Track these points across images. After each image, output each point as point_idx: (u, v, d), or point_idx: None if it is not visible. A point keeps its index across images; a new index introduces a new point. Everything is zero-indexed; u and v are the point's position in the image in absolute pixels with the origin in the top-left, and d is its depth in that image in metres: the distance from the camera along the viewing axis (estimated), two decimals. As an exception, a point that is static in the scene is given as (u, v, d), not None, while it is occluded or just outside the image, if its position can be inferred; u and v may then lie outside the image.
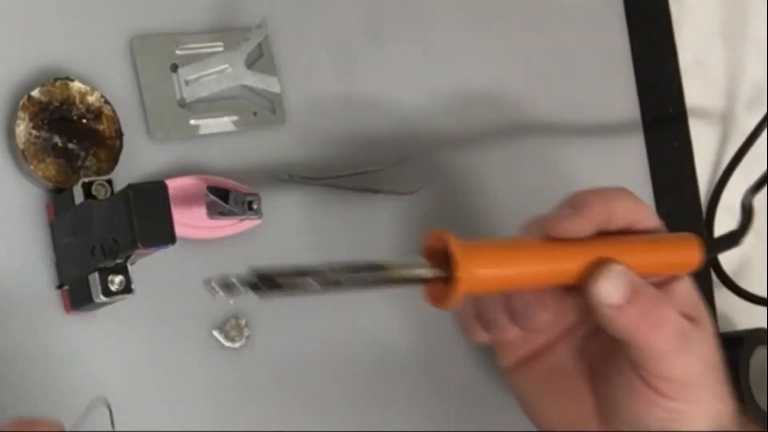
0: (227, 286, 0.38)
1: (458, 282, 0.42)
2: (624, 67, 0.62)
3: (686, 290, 0.48)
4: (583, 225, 0.45)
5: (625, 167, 0.62)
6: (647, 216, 0.47)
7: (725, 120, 0.66)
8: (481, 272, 0.42)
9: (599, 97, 0.61)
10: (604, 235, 0.46)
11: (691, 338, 0.45)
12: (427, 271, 0.42)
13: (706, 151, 0.65)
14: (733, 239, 0.51)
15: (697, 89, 0.65)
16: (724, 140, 0.66)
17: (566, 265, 0.44)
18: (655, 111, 0.63)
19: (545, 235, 0.45)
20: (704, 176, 0.65)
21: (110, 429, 0.41)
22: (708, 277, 0.64)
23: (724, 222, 0.64)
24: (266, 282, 0.38)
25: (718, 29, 0.67)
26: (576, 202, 0.45)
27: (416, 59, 0.57)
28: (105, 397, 0.41)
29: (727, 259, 0.63)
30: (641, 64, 0.63)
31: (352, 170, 0.53)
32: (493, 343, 0.50)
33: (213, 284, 0.38)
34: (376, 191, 0.54)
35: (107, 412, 0.41)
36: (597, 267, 0.44)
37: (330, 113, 0.54)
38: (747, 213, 0.53)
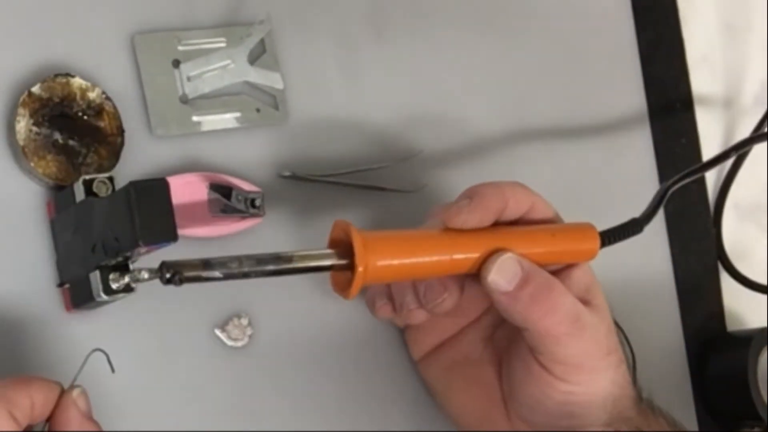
0: (136, 280, 0.42)
1: (357, 271, 0.44)
2: (631, 63, 0.62)
3: (582, 274, 0.49)
4: (479, 215, 0.46)
5: (632, 163, 0.62)
6: (542, 206, 0.49)
7: (732, 114, 0.66)
8: (380, 262, 0.45)
9: (606, 92, 0.61)
10: (502, 225, 0.48)
11: (585, 322, 0.46)
12: (329, 262, 0.44)
13: (712, 147, 0.64)
14: (636, 226, 0.51)
15: (704, 84, 0.64)
16: (730, 135, 0.66)
17: (464, 255, 0.46)
18: (662, 106, 0.62)
19: (444, 225, 0.47)
20: (710, 173, 0.64)
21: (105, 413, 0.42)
22: (715, 270, 0.63)
23: (732, 217, 0.64)
24: (173, 273, 0.41)
25: (725, 24, 0.66)
26: (472, 194, 0.47)
27: (421, 54, 0.56)
28: (100, 349, 0.42)
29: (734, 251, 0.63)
30: (648, 59, 0.62)
31: (356, 167, 0.53)
32: (404, 333, 0.52)
33: (122, 282, 0.41)
34: (379, 189, 0.53)
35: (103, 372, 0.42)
36: (490, 256, 0.46)
37: (333, 110, 0.54)
38: (658, 201, 0.53)
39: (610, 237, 0.50)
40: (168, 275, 0.41)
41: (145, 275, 0.42)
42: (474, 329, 0.51)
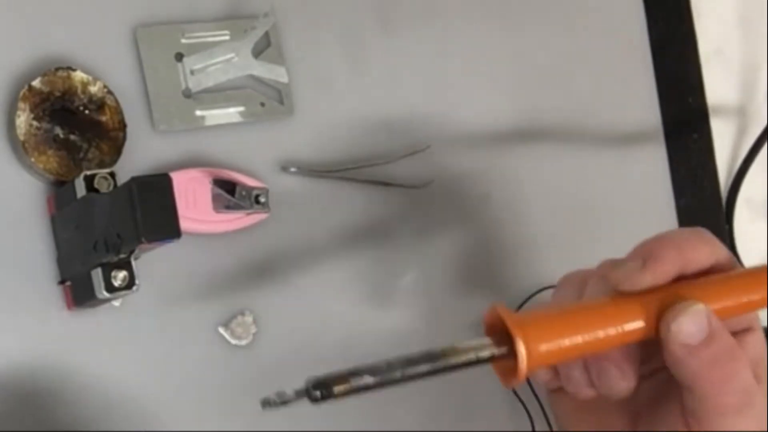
0: (284, 402, 0.39)
1: (520, 359, 0.40)
2: (642, 57, 0.62)
3: (759, 344, 0.45)
4: (653, 280, 0.42)
5: (645, 159, 0.61)
6: (724, 260, 0.44)
7: (745, 110, 0.66)
8: (543, 347, 0.41)
9: (617, 87, 0.60)
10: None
11: (755, 400, 0.43)
12: (487, 353, 0.40)
13: (725, 142, 0.64)
14: None
15: (717, 79, 0.64)
16: (743, 131, 0.65)
17: (637, 321, 0.42)
18: (674, 102, 0.62)
19: (612, 290, 0.43)
20: (723, 168, 0.64)
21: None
22: None
23: (744, 215, 0.63)
24: (323, 390, 0.38)
25: (739, 17, 0.66)
26: (646, 254, 0.43)
27: (428, 49, 0.56)
28: None
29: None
30: (660, 53, 0.62)
31: (362, 162, 0.52)
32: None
33: (271, 402, 0.38)
34: (386, 184, 0.53)
35: None
36: (675, 304, 0.42)
37: (339, 104, 0.53)
38: None
39: None
40: (318, 394, 0.38)
41: (291, 396, 0.38)
42: None
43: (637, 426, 0.46)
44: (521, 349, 0.40)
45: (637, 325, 0.42)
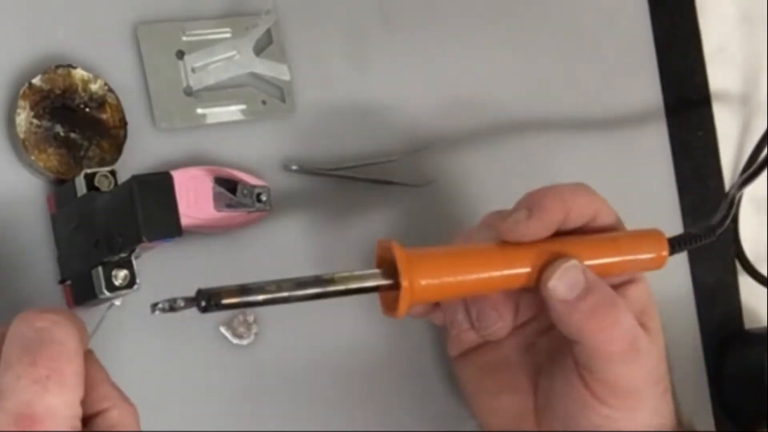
0: (173, 308, 0.40)
1: (403, 289, 0.42)
2: (646, 54, 0.61)
3: (642, 295, 0.47)
4: (539, 228, 0.44)
5: (648, 156, 0.61)
6: (605, 212, 0.46)
7: (748, 106, 0.65)
8: (425, 281, 0.43)
9: (621, 83, 0.60)
10: (560, 234, 0.45)
11: (641, 346, 0.45)
12: (373, 282, 0.43)
13: (729, 139, 0.64)
14: (708, 232, 0.49)
15: (722, 76, 0.64)
16: (748, 127, 0.65)
17: (519, 270, 0.44)
18: (678, 99, 0.62)
19: (499, 238, 0.45)
20: (727, 164, 0.64)
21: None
22: (733, 267, 0.63)
23: (749, 212, 0.63)
24: (212, 301, 0.40)
25: (742, 15, 0.65)
26: (531, 204, 0.45)
27: (431, 45, 0.56)
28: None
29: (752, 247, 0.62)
30: (664, 50, 0.62)
31: (364, 161, 0.52)
32: (446, 330, 0.51)
33: (161, 307, 0.39)
34: (388, 182, 0.53)
35: None
36: (552, 261, 0.44)
37: (341, 102, 0.53)
38: (729, 205, 0.50)
39: (681, 243, 0.47)
40: (204, 303, 0.40)
41: (182, 303, 0.40)
42: (517, 335, 0.49)
43: (538, 382, 0.48)
44: (405, 281, 0.42)
45: (516, 272, 0.44)
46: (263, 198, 0.48)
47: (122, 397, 0.38)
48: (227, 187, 0.48)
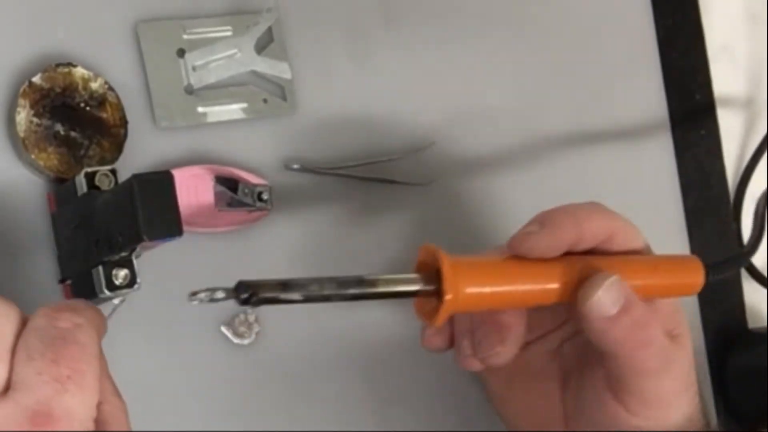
0: (213, 299, 0.39)
1: (446, 299, 0.42)
2: (649, 53, 0.61)
3: (670, 305, 0.47)
4: (549, 243, 0.44)
5: (651, 157, 0.60)
6: (623, 235, 0.46)
7: (753, 106, 0.65)
8: (469, 290, 0.43)
9: (624, 84, 0.60)
10: (599, 254, 0.45)
11: (672, 359, 0.45)
12: (415, 287, 0.42)
13: (732, 139, 0.63)
14: (742, 259, 0.49)
15: (725, 75, 0.63)
16: (752, 127, 0.65)
17: (558, 284, 0.44)
18: (682, 98, 0.61)
19: (513, 253, 0.45)
20: (730, 165, 0.63)
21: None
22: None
23: (752, 213, 0.63)
24: (250, 295, 0.39)
25: (747, 13, 0.65)
26: (543, 219, 0.45)
27: (433, 43, 0.55)
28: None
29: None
30: (667, 49, 0.61)
31: (366, 160, 0.52)
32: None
33: (200, 297, 0.39)
34: (390, 181, 0.53)
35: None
36: (591, 276, 0.44)
37: (343, 100, 0.53)
38: (760, 226, 0.50)
39: (716, 271, 0.48)
40: (245, 296, 0.39)
41: (221, 294, 0.39)
42: (542, 342, 0.49)
43: (567, 389, 0.48)
44: (449, 283, 0.42)
45: (556, 285, 0.44)
46: (264, 197, 0.48)
47: (114, 391, 0.37)
48: (228, 186, 0.48)
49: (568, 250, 0.45)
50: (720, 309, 0.61)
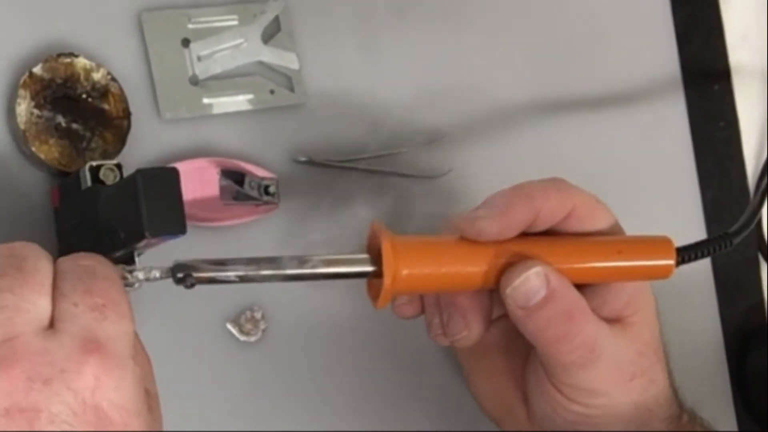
0: (147, 279, 0.39)
1: (384, 282, 0.41)
2: (666, 40, 0.61)
3: (627, 289, 0.45)
4: (500, 226, 0.42)
5: (669, 147, 0.60)
6: (584, 212, 0.44)
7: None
8: (407, 271, 0.41)
9: (640, 71, 0.59)
10: (558, 235, 0.44)
11: (602, 350, 0.43)
12: (356, 268, 0.42)
13: (752, 128, 0.63)
14: (725, 241, 0.46)
15: (744, 63, 0.63)
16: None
17: (488, 269, 0.42)
18: (699, 87, 0.61)
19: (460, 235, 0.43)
20: (750, 156, 0.63)
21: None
22: (756, 260, 0.62)
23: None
24: (185, 274, 0.39)
25: (764, 4, 0.64)
26: (495, 201, 0.43)
27: (444, 31, 0.55)
28: None
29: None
30: (685, 37, 0.61)
31: (376, 152, 0.52)
32: None
33: (137, 276, 0.39)
34: (402, 174, 0.52)
35: None
36: (516, 263, 0.42)
37: (352, 91, 0.52)
38: (752, 213, 0.48)
39: (691, 254, 0.45)
40: (180, 275, 0.39)
41: (157, 274, 0.39)
42: (499, 323, 0.48)
43: (526, 371, 0.47)
44: (389, 265, 0.40)
45: (482, 270, 0.42)
46: (271, 190, 0.48)
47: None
48: (234, 179, 0.47)
49: (524, 231, 0.43)
50: (740, 306, 0.61)
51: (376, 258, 0.42)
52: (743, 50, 0.63)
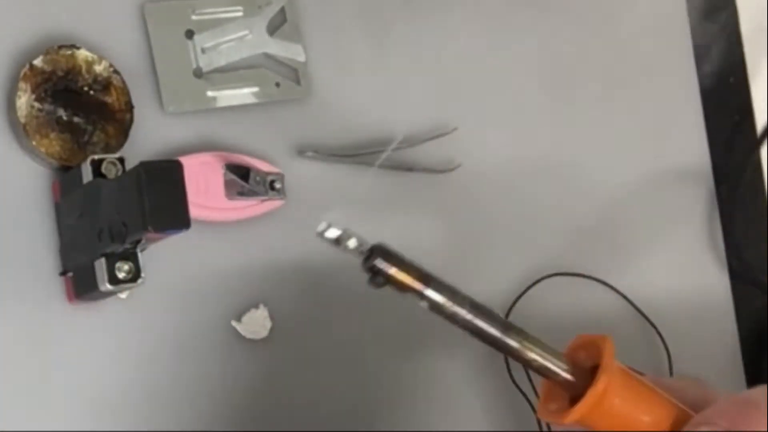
0: (338, 240, 0.36)
1: (589, 396, 0.38)
2: (682, 34, 0.60)
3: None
4: None
5: (682, 140, 0.60)
6: None
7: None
8: (616, 405, 0.39)
9: (655, 67, 0.59)
10: None
11: None
12: (555, 369, 0.38)
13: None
14: None
15: (759, 56, 0.62)
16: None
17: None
18: (714, 80, 0.61)
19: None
20: (763, 153, 0.63)
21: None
22: None
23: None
24: (380, 264, 0.36)
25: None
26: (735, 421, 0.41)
27: (452, 24, 0.55)
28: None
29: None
30: (700, 30, 0.61)
31: (383, 146, 0.51)
32: None
33: (326, 230, 0.36)
34: (409, 169, 0.52)
35: None
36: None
37: (359, 84, 0.52)
38: None
39: None
40: (372, 265, 0.35)
41: (353, 244, 0.35)
42: None
43: None
44: (599, 387, 0.38)
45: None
46: (277, 185, 0.48)
47: None
48: (239, 174, 0.47)
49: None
50: (756, 306, 0.60)
51: (581, 372, 0.39)
52: (759, 42, 0.62)
